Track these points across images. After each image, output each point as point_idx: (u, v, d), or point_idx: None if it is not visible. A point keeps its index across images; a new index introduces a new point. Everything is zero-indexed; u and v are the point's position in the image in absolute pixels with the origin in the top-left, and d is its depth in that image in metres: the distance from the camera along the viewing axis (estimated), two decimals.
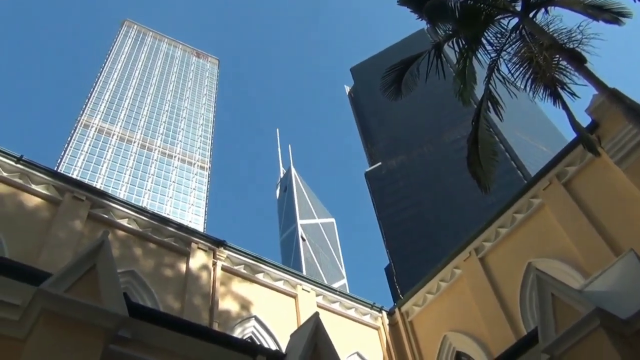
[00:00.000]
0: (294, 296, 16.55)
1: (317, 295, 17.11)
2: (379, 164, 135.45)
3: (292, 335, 8.32)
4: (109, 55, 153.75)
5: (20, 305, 6.30)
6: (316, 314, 8.33)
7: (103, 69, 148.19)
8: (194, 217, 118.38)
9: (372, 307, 18.16)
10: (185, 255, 15.03)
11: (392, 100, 14.29)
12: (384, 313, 18.31)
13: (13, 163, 13.34)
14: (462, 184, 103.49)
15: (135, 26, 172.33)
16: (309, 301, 16.52)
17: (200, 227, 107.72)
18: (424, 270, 20.55)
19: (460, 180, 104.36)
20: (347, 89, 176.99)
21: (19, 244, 12.02)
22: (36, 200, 13.33)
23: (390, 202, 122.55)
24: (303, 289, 16.79)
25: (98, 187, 14.22)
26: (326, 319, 8.37)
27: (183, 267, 14.70)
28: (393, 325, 18.16)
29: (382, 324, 18.03)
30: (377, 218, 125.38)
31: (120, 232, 14.14)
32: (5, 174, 13.16)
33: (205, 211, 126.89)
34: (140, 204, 16.80)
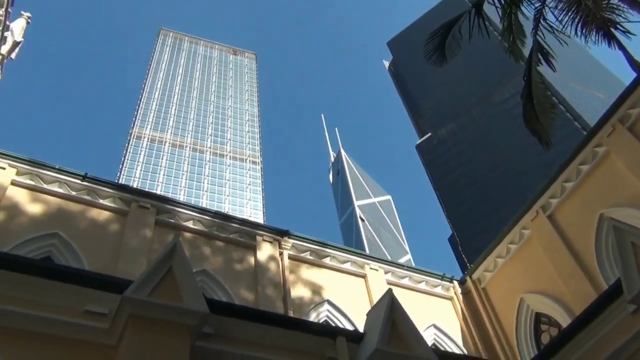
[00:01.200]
0: (363, 276, 16.61)
1: (386, 272, 17.10)
2: (429, 135, 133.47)
3: (368, 314, 8.35)
4: (150, 66, 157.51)
5: (108, 314, 6.60)
6: (389, 291, 8.32)
7: (146, 79, 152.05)
8: (253, 212, 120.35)
9: (442, 278, 18.00)
10: (252, 248, 15.33)
11: (436, 67, 14.04)
12: (455, 283, 18.12)
13: (79, 181, 13.93)
14: (517, 144, 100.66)
15: (171, 33, 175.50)
16: (378, 279, 16.55)
17: (260, 220, 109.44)
18: (488, 236, 20.24)
19: (515, 140, 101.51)
20: (386, 63, 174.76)
21: (96, 257, 12.59)
22: (105, 214, 13.89)
23: (446, 172, 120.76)
24: (371, 268, 16.82)
25: (158, 193, 14.79)
26: (398, 295, 8.33)
27: (251, 260, 15.01)
28: (466, 294, 17.95)
29: (455, 293, 17.85)
30: (434, 189, 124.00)
31: (187, 234, 14.55)
32: (74, 193, 13.77)
33: (263, 204, 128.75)
34: (200, 205, 17.28)
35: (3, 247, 11.17)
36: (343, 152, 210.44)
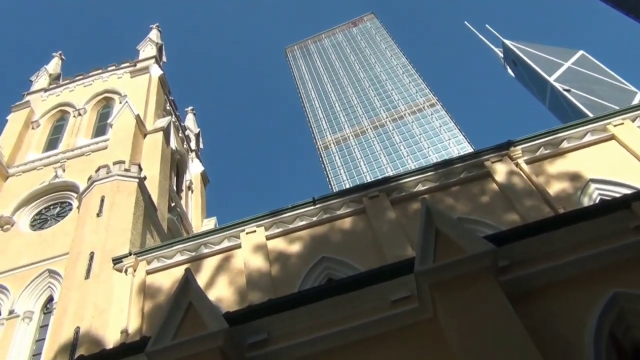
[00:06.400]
0: (610, 138, 15.04)
1: (633, 120, 15.26)
2: None
3: None
4: (296, 83, 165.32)
5: (411, 294, 6.88)
6: None
7: (301, 96, 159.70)
8: (460, 147, 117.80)
9: None
10: (487, 175, 14.95)
11: None
12: None
13: (312, 207, 15.08)
14: None
15: (296, 46, 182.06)
16: (629, 131, 14.84)
17: (470, 149, 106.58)
18: None
19: None
20: None
21: (364, 258, 13.39)
22: (349, 220, 14.80)
23: None
24: (615, 125, 15.14)
25: (376, 180, 15.38)
26: None
27: (493, 185, 14.61)
28: None
29: None
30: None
31: (426, 196, 14.69)
32: (314, 219, 14.94)
33: (463, 135, 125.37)
34: (416, 168, 17.39)
35: (292, 288, 12.56)
36: (506, 42, 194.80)
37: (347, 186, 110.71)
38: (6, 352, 15.47)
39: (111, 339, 12.96)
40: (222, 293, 13.83)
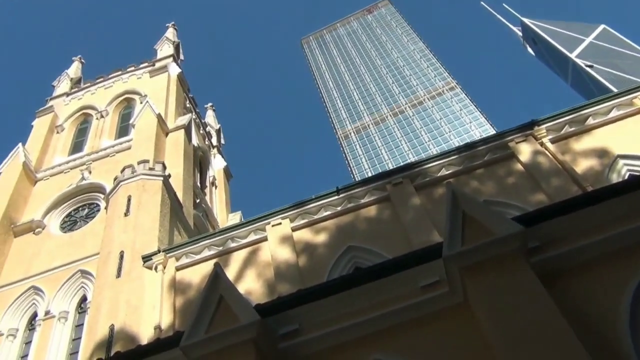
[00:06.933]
0: (636, 113, 14.72)
1: None
2: None
3: None
4: (313, 74, 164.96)
5: (440, 279, 6.85)
6: None
7: (318, 87, 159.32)
8: (482, 130, 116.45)
9: None
10: (511, 156, 14.78)
11: None
12: None
13: (336, 196, 15.09)
14: None
15: (311, 37, 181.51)
16: None
17: (493, 131, 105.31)
18: None
19: None
20: None
21: (391, 245, 13.37)
22: (373, 208, 14.79)
23: None
24: None
25: (400, 166, 15.27)
26: None
27: (518, 166, 14.43)
28: None
29: None
30: None
31: (451, 179, 14.57)
32: (339, 208, 14.96)
33: (485, 117, 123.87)
34: (438, 153, 17.14)
35: (320, 279, 12.62)
36: (525, 20, 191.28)
37: (369, 175, 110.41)
38: (45, 352, 15.88)
39: (145, 335, 13.20)
40: (251, 286, 13.97)
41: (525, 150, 14.59)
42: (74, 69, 32.57)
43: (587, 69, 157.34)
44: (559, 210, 7.25)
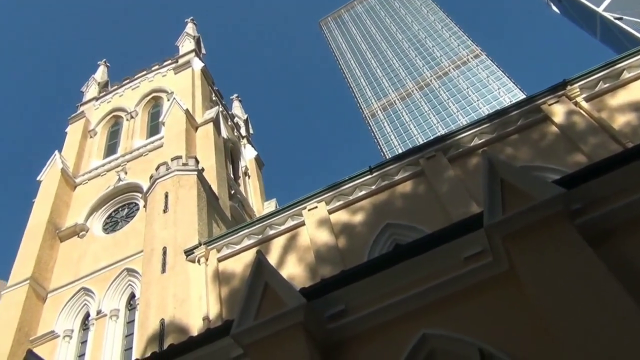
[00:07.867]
0: None
1: None
2: None
3: None
4: (335, 55, 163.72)
5: (483, 249, 6.78)
6: None
7: (341, 67, 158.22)
8: (511, 95, 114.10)
9: None
10: (545, 119, 14.50)
11: None
12: None
13: (369, 175, 15.06)
14: None
15: (329, 18, 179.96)
16: None
17: (522, 96, 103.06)
18: None
19: None
20: None
21: (429, 219, 13.26)
22: (409, 184, 14.72)
23: None
24: None
25: (431, 139, 15.05)
26: None
27: (553, 128, 14.13)
28: None
29: None
30: None
31: (482, 149, 14.39)
32: (373, 187, 14.93)
33: (513, 82, 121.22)
34: (469, 122, 16.80)
35: (361, 258, 12.66)
36: None
37: (400, 151, 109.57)
38: (100, 350, 16.44)
39: (195, 327, 13.51)
40: (293, 271, 14.11)
41: (559, 112, 14.25)
42: (100, 73, 33.11)
43: (617, 21, 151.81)
44: (600, 169, 7.07)
